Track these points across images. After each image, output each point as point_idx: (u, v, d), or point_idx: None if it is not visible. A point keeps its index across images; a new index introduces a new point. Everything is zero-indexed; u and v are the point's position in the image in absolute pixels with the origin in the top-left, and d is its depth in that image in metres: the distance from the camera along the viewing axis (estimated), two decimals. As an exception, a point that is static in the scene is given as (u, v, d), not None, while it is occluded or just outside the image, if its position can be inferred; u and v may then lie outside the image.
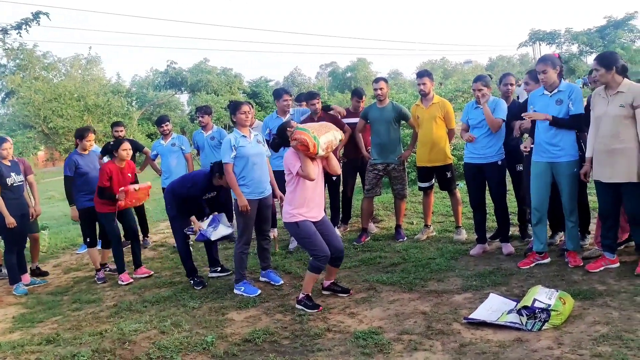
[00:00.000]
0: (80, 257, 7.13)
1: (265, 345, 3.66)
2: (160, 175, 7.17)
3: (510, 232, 5.49)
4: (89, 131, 5.97)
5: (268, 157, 5.12)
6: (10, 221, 5.47)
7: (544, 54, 5.41)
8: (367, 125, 6.17)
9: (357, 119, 6.26)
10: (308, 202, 4.21)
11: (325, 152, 4.13)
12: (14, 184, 5.64)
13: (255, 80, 41.19)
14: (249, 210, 4.73)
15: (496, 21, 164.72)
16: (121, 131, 7.15)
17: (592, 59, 4.62)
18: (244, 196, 4.73)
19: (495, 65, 64.22)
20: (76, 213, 5.83)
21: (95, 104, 22.72)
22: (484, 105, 5.07)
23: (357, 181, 6.92)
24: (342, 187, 6.68)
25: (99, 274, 5.86)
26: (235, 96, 34.27)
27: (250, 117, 4.99)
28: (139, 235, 6.20)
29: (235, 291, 4.81)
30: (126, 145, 5.62)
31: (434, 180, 6.07)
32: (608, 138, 4.15)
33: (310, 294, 4.29)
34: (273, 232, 5.85)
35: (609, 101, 4.16)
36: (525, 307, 3.48)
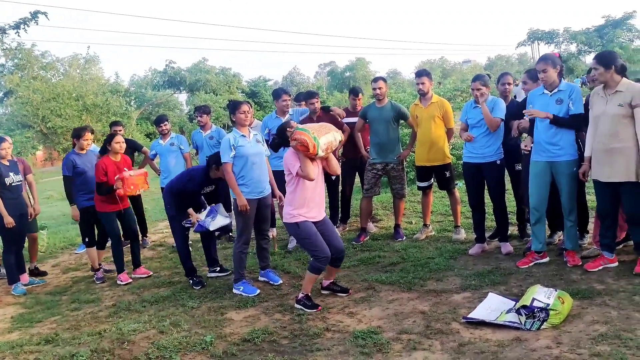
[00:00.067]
0: (79, 257, 7.13)
1: (264, 345, 3.66)
2: (159, 174, 7.17)
3: (509, 232, 5.49)
4: (85, 130, 5.96)
5: (267, 157, 5.12)
6: (9, 221, 5.46)
7: (544, 53, 5.41)
8: (366, 125, 6.17)
9: (356, 119, 6.26)
10: (308, 203, 4.21)
11: (325, 153, 4.13)
12: (13, 184, 5.64)
13: (254, 79, 41.12)
14: (248, 209, 4.73)
15: (495, 21, 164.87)
16: (120, 131, 7.14)
17: (591, 59, 4.62)
18: (243, 196, 4.73)
19: (494, 65, 64.15)
20: (77, 212, 5.83)
21: (94, 103, 22.65)
22: (483, 105, 5.07)
23: (356, 181, 6.92)
24: (341, 186, 6.68)
25: (97, 274, 5.86)
26: (234, 96, 34.22)
27: (249, 116, 5.00)
28: (139, 235, 6.20)
29: (234, 291, 4.81)
30: (118, 138, 5.63)
31: (432, 179, 6.07)
32: (607, 137, 4.16)
33: (309, 294, 4.29)
34: (272, 232, 5.84)
35: (607, 100, 4.17)
36: (524, 307, 3.48)
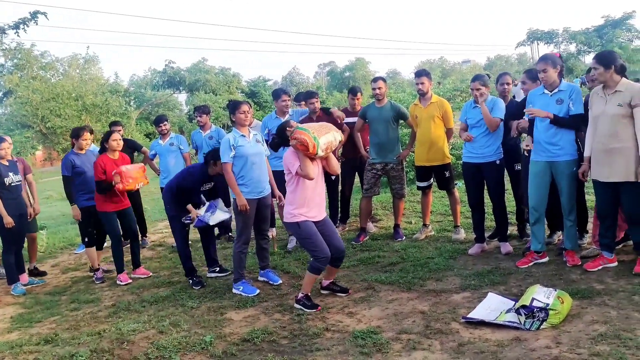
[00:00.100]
0: (79, 257, 7.12)
1: (264, 345, 3.66)
2: (158, 175, 7.17)
3: (509, 232, 5.49)
4: (84, 130, 5.96)
5: (267, 157, 5.12)
6: (8, 221, 5.46)
7: (544, 53, 5.41)
8: (365, 125, 6.17)
9: (356, 119, 6.26)
10: (308, 202, 4.21)
11: (325, 153, 4.13)
12: (12, 184, 5.64)
13: (253, 79, 41.08)
14: (248, 209, 4.74)
15: (494, 21, 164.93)
16: (119, 131, 7.13)
17: (590, 59, 4.62)
18: (242, 196, 4.73)
19: (493, 65, 64.18)
20: (78, 212, 5.82)
21: (93, 103, 22.67)
22: (482, 105, 5.07)
23: (356, 181, 6.92)
24: (340, 186, 6.68)
25: (97, 274, 5.85)
26: (233, 96, 34.20)
27: (249, 116, 5.00)
28: (139, 235, 6.19)
29: (234, 291, 4.81)
30: (115, 135, 5.64)
31: (432, 179, 6.07)
32: (606, 137, 4.16)
33: (309, 294, 4.29)
34: (272, 232, 5.84)
35: (607, 100, 4.17)
36: (523, 306, 3.48)
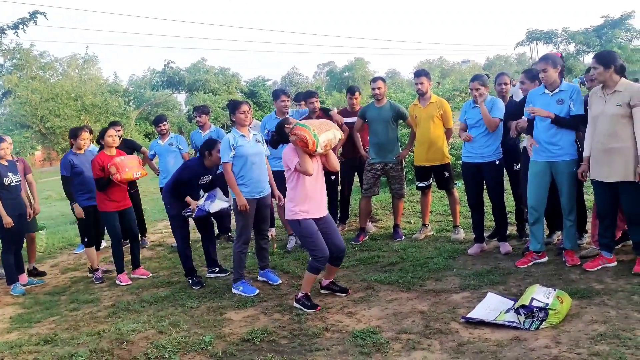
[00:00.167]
0: (78, 257, 7.12)
1: (264, 345, 3.66)
2: (158, 174, 7.16)
3: (508, 232, 5.49)
4: (82, 130, 5.95)
5: (267, 157, 5.12)
6: (7, 221, 5.46)
7: (543, 53, 5.41)
8: (364, 125, 6.17)
9: (355, 118, 6.26)
10: (309, 199, 4.21)
11: (324, 150, 4.14)
12: (11, 184, 5.63)
13: (252, 79, 41.07)
14: (248, 209, 4.74)
15: (494, 21, 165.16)
16: (118, 131, 7.13)
17: (590, 59, 4.62)
18: (242, 195, 4.74)
19: (492, 65, 64.28)
20: (80, 210, 5.80)
21: (93, 103, 22.64)
22: (481, 105, 5.07)
23: (355, 181, 6.92)
24: (340, 186, 6.68)
25: (96, 274, 5.85)
26: (232, 96, 34.22)
27: (249, 116, 5.01)
28: (139, 235, 6.19)
29: (234, 291, 4.81)
30: (111, 132, 5.65)
31: (431, 179, 6.07)
32: (605, 137, 4.16)
33: (308, 294, 4.29)
34: (271, 232, 5.84)
35: (606, 100, 4.17)
36: (523, 306, 3.49)
